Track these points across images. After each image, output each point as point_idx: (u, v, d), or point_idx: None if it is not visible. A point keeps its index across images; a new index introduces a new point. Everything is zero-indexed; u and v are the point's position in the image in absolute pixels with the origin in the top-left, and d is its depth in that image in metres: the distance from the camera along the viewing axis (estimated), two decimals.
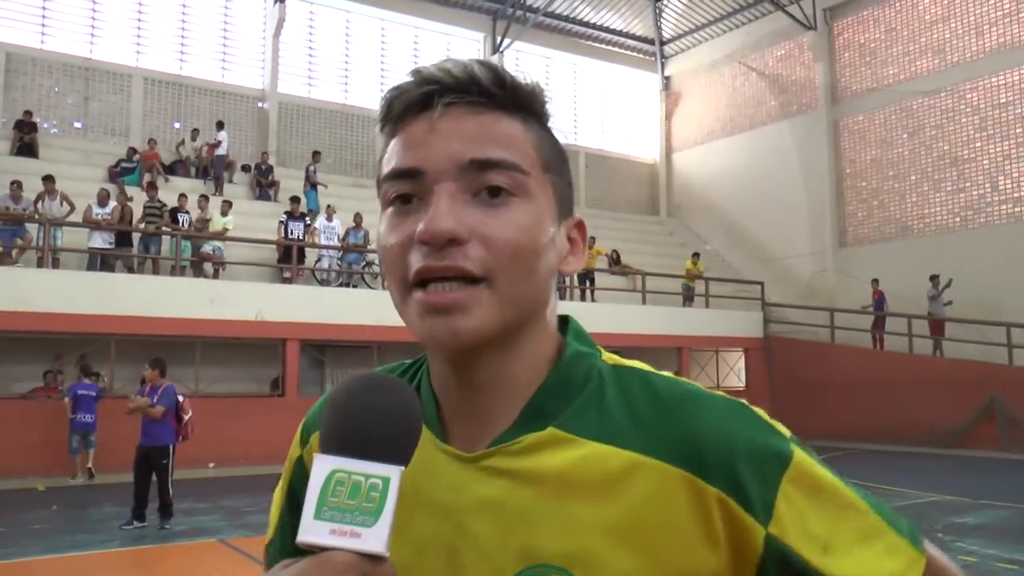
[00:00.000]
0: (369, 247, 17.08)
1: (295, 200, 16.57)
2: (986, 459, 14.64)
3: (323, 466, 0.64)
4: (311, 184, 18.53)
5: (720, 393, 0.77)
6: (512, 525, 0.74)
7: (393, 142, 0.78)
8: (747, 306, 20.29)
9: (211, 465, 13.23)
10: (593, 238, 19.89)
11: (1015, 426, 15.26)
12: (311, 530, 0.62)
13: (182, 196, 15.66)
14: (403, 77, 0.79)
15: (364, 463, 0.63)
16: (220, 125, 18.58)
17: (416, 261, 0.72)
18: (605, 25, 25.64)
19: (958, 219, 19.14)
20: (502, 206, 0.74)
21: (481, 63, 0.77)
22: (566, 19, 24.89)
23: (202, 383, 14.03)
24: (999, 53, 18.67)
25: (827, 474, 0.75)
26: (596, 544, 0.72)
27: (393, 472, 0.63)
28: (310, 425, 0.90)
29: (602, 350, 0.83)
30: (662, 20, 25.47)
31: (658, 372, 0.80)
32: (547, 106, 0.81)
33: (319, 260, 16.77)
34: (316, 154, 19.22)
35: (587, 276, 19.42)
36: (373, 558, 0.61)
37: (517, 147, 0.75)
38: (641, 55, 26.57)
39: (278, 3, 20.52)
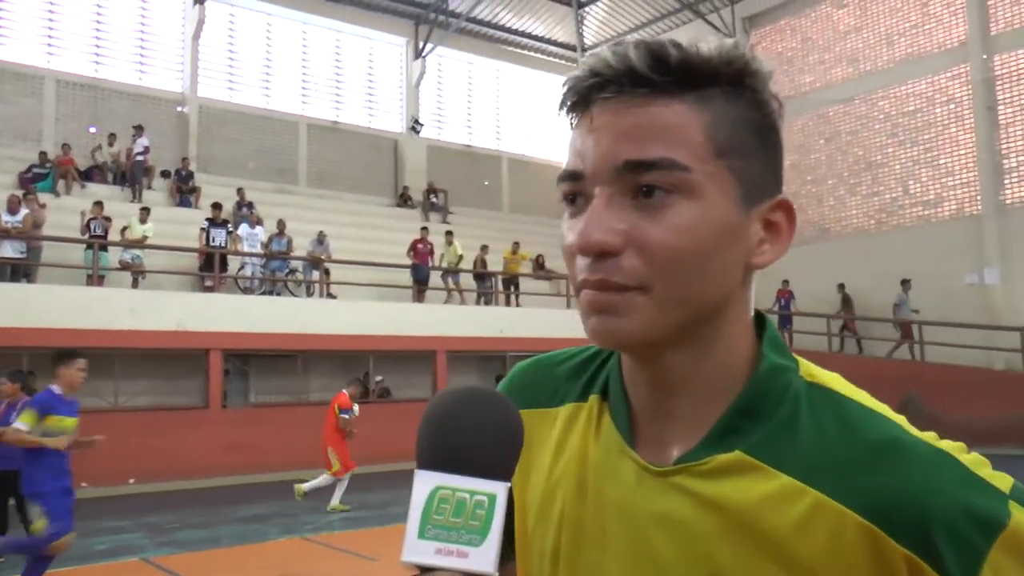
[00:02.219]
0: (293, 254, 16.81)
1: (217, 207, 16.19)
2: None
3: (425, 483, 0.62)
4: (242, 207, 17.98)
5: (925, 438, 0.69)
6: (696, 548, 0.71)
7: (570, 137, 0.75)
8: None
9: (131, 481, 12.82)
10: (517, 243, 19.97)
11: (928, 422, 15.71)
12: (416, 550, 0.60)
13: (96, 204, 15.12)
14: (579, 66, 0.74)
15: (468, 479, 0.61)
16: (139, 129, 18.04)
17: (580, 269, 0.71)
18: (527, 31, 25.76)
19: (873, 222, 19.80)
20: (661, 207, 0.69)
21: (640, 45, 0.70)
22: (489, 25, 24.93)
23: (122, 396, 13.59)
24: (907, 63, 19.39)
25: None
26: None
27: (499, 489, 0.62)
28: None
29: (800, 360, 0.77)
30: (584, 27, 25.70)
31: (855, 397, 0.73)
32: (745, 71, 0.72)
33: (242, 268, 16.44)
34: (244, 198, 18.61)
35: (511, 280, 19.48)
36: None
37: (679, 139, 0.69)
38: (564, 61, 26.77)
39: (197, 4, 20.04)
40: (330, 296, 16.76)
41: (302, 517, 10.13)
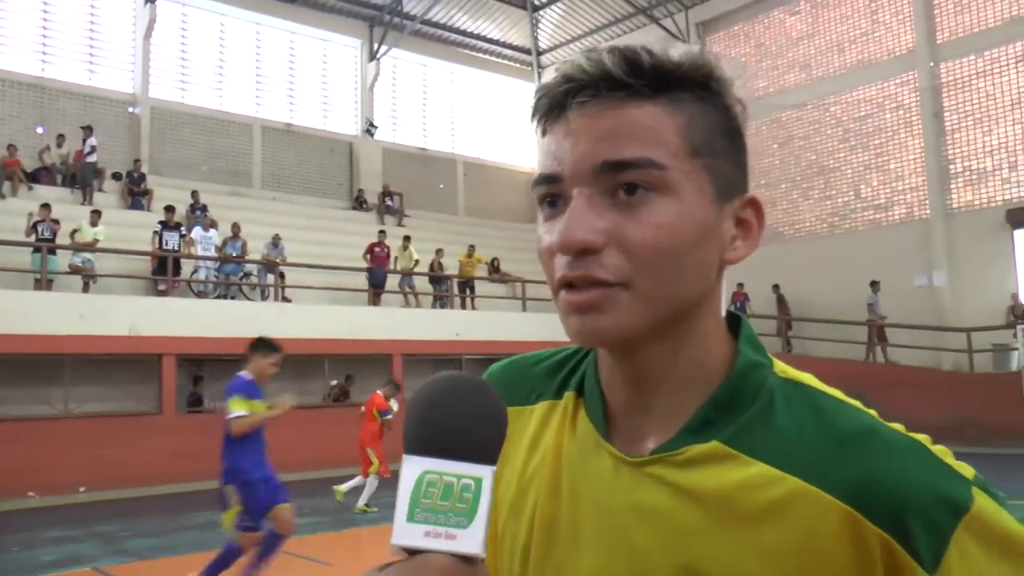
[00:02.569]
0: (247, 258, 16.63)
1: (170, 209, 15.95)
2: None
3: (413, 467, 0.63)
4: (196, 210, 17.72)
5: (896, 427, 0.73)
6: (674, 538, 0.72)
7: (542, 142, 0.76)
8: None
9: (82, 489, 12.56)
10: (472, 246, 19.97)
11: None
12: (405, 533, 0.61)
13: (44, 206, 14.80)
14: (552, 74, 0.76)
15: (455, 463, 0.63)
16: (88, 130, 17.69)
17: (559, 268, 0.72)
18: (482, 34, 25.76)
19: (825, 225, 20.15)
20: (640, 205, 0.71)
21: (615, 51, 0.72)
22: (443, 27, 24.88)
23: (71, 403, 13.31)
24: (858, 69, 19.78)
25: (1013, 525, 0.69)
26: (758, 570, 0.69)
27: (485, 472, 0.63)
28: None
29: (774, 359, 0.79)
30: (539, 30, 25.80)
31: (828, 392, 0.76)
32: (711, 76, 0.74)
33: (195, 272, 16.21)
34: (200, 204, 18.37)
35: (467, 284, 19.47)
36: (468, 560, 0.61)
37: (655, 139, 0.71)
38: (518, 64, 26.84)
39: (148, 3, 19.71)
40: (285, 300, 16.60)
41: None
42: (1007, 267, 17.27)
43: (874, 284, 17.61)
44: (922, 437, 0.73)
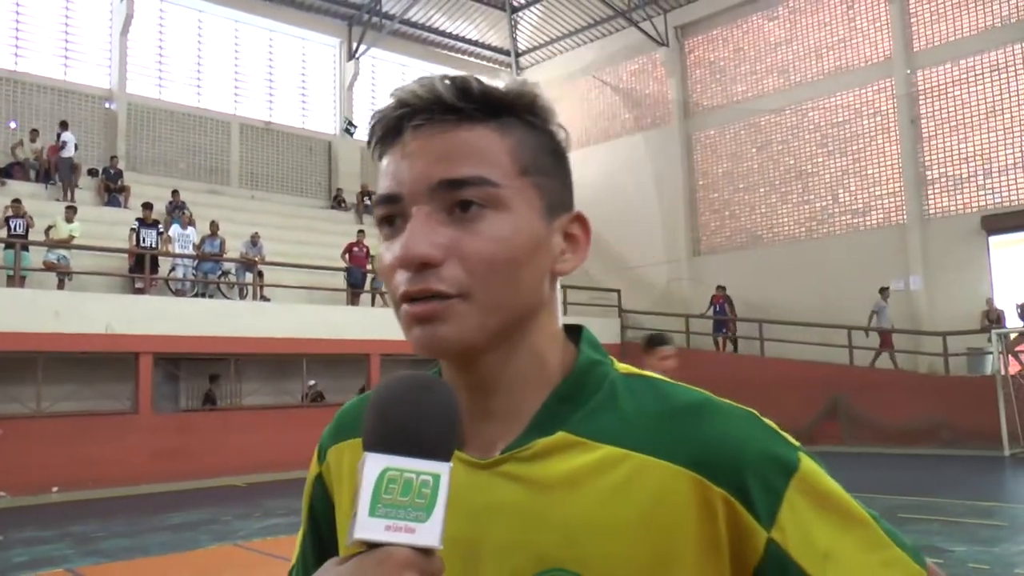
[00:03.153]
0: (226, 256, 16.52)
1: (147, 206, 15.81)
2: (831, 453, 15.52)
3: (375, 464, 0.64)
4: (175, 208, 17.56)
5: (730, 402, 0.79)
6: (527, 529, 0.76)
7: (380, 166, 0.80)
8: (604, 313, 20.84)
9: (55, 489, 12.42)
10: None
11: (855, 423, 16.31)
12: (367, 527, 0.63)
13: (15, 201, 14.62)
14: (387, 100, 0.80)
15: (415, 460, 0.65)
16: (64, 125, 17.49)
17: (400, 283, 0.75)
18: (461, 35, 25.76)
19: (803, 229, 20.30)
20: (476, 220, 0.75)
21: (447, 79, 0.77)
22: (422, 27, 24.86)
23: (45, 401, 13.15)
24: (836, 75, 19.94)
25: (833, 485, 0.77)
26: (608, 546, 0.73)
27: (443, 468, 0.65)
28: (327, 442, 0.93)
29: (614, 360, 0.85)
30: (517, 32, 25.82)
31: (670, 381, 0.82)
32: (530, 105, 0.80)
33: (173, 269, 16.08)
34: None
35: None
36: (426, 552, 0.63)
37: (487, 159, 0.76)
38: (497, 65, 26.84)
39: None
40: (263, 299, 16.51)
41: (233, 524, 9.95)
42: (982, 272, 17.47)
43: (883, 291, 17.53)
44: (751, 409, 0.79)
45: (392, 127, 0.78)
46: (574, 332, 0.86)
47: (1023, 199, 17.18)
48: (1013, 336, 15.86)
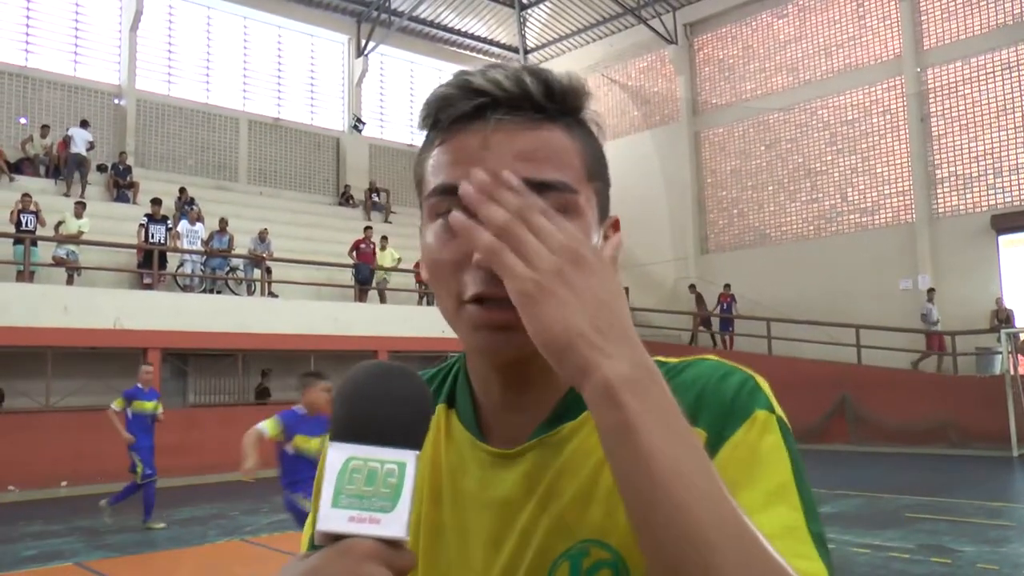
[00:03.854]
0: (234, 252, 16.56)
1: (156, 202, 15.85)
2: (839, 452, 15.52)
3: (338, 454, 0.63)
4: (184, 204, 17.61)
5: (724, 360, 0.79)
6: (554, 510, 0.76)
7: (439, 151, 0.77)
8: None
9: (64, 484, 12.47)
10: None
11: (863, 422, 16.26)
12: (329, 518, 0.61)
13: (25, 196, 14.67)
14: (449, 84, 0.77)
15: (379, 449, 0.63)
16: (84, 124, 17.65)
17: (473, 283, 0.73)
18: (470, 32, 25.73)
19: (812, 228, 20.24)
20: None
21: (531, 73, 0.76)
22: (431, 24, 24.85)
23: (54, 396, 13.20)
24: (845, 73, 19.88)
25: (783, 451, 0.72)
26: (622, 509, 0.72)
27: (408, 457, 0.63)
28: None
29: None
30: (526, 29, 25.79)
31: (679, 360, 0.82)
32: (589, 103, 0.79)
33: (181, 265, 16.12)
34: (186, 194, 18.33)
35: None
36: (393, 544, 0.61)
37: (567, 162, 0.75)
38: (505, 63, 26.79)
39: None
40: (271, 295, 16.54)
41: (241, 519, 9.98)
42: (991, 272, 17.40)
43: (930, 292, 17.33)
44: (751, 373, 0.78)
45: (467, 115, 0.75)
46: None
47: None
48: (1023, 336, 15.79)
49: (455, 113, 0.76)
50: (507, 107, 0.74)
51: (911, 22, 18.76)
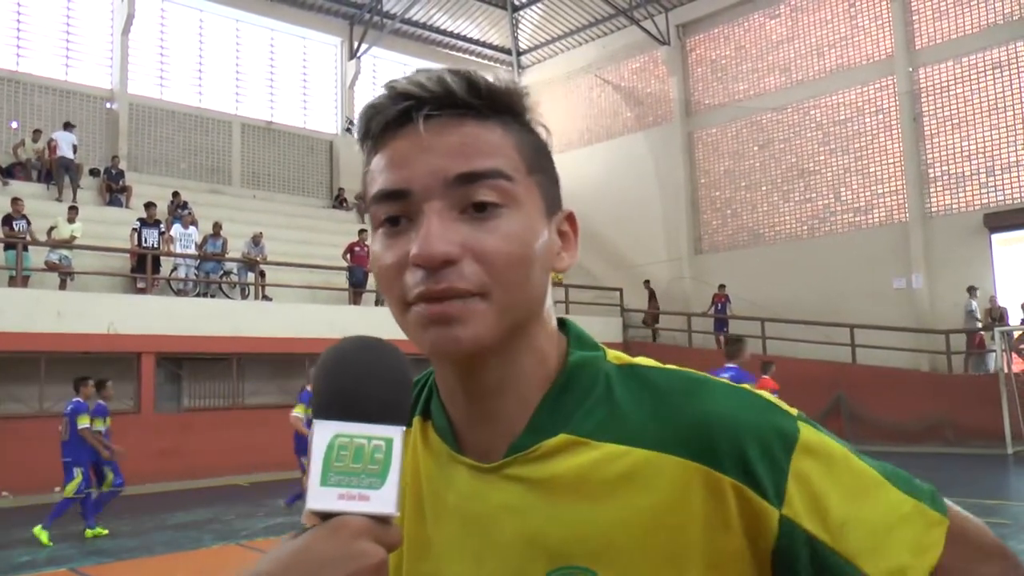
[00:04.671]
0: (228, 256, 16.52)
1: (150, 206, 15.81)
2: None
3: (324, 431, 0.63)
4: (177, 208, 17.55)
5: (720, 379, 0.79)
6: (536, 529, 0.75)
7: (375, 161, 0.78)
8: (607, 312, 20.82)
9: (57, 489, 12.38)
10: None
11: (858, 421, 16.28)
12: (319, 497, 0.61)
13: (16, 200, 14.60)
14: (379, 93, 0.78)
15: (365, 426, 0.63)
16: (67, 126, 17.52)
17: (414, 283, 0.73)
18: (462, 34, 25.72)
19: (805, 228, 20.27)
20: (492, 218, 0.74)
21: (453, 73, 0.76)
22: (423, 26, 24.83)
23: (47, 401, 13.15)
24: (838, 73, 19.92)
25: (837, 449, 0.76)
26: (619, 540, 0.73)
27: (395, 432, 0.63)
28: None
29: (607, 349, 0.84)
30: (519, 31, 25.79)
31: (662, 366, 0.81)
32: (526, 104, 0.80)
33: (175, 269, 16.08)
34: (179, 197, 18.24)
35: None
36: (383, 520, 0.62)
37: (501, 154, 0.75)
38: (498, 64, 26.81)
39: None
40: (265, 298, 16.51)
41: (236, 524, 9.95)
42: (984, 270, 17.45)
43: (971, 290, 17.06)
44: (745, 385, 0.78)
45: (395, 119, 0.76)
46: (561, 327, 0.85)
47: None
48: (1017, 334, 15.83)
49: (384, 119, 0.77)
50: (432, 106, 0.75)
51: (903, 22, 18.81)
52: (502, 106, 0.77)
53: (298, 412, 9.60)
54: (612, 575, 0.73)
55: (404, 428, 0.64)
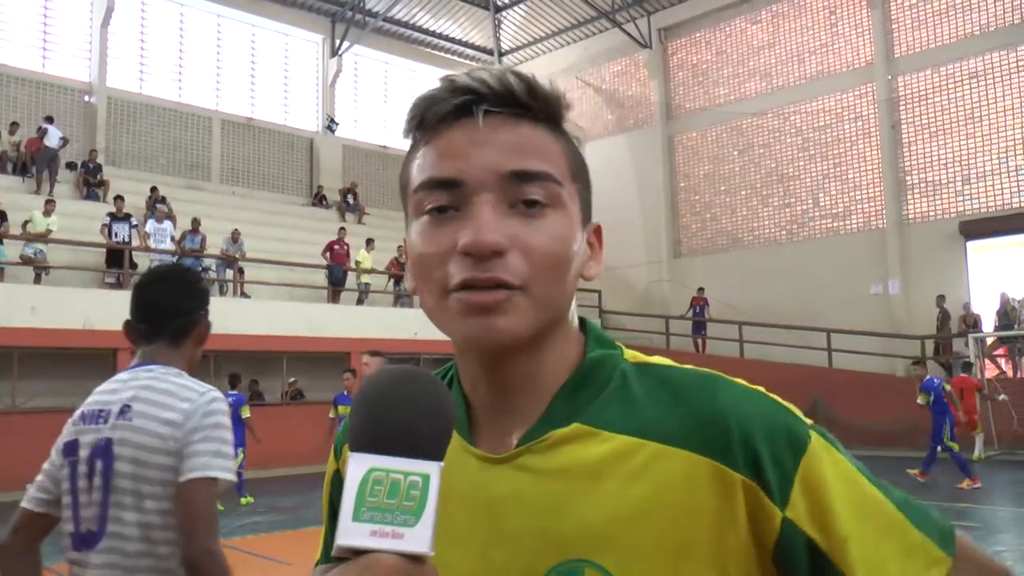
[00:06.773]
0: (206, 252, 16.41)
1: (119, 199, 15.65)
2: None
3: (360, 465, 0.61)
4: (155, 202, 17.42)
5: (737, 380, 0.80)
6: (545, 520, 0.76)
7: (425, 150, 0.79)
8: (585, 314, 20.51)
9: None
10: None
11: (834, 425, 16.39)
12: (351, 532, 0.59)
13: None
14: (434, 88, 0.80)
15: (402, 460, 0.61)
16: (49, 119, 17.35)
17: (458, 271, 0.74)
18: (444, 33, 25.68)
19: (784, 232, 20.41)
20: (539, 217, 0.76)
21: (515, 74, 0.78)
22: (406, 25, 24.76)
23: (20, 397, 13.01)
24: (818, 80, 20.07)
25: (849, 465, 0.77)
26: (628, 532, 0.74)
27: (433, 468, 0.61)
28: (344, 439, 0.91)
29: (624, 348, 0.86)
30: (501, 31, 25.80)
31: (678, 364, 0.83)
32: (566, 112, 0.82)
33: (152, 264, 15.95)
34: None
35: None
36: (417, 559, 0.59)
37: (551, 158, 0.78)
38: (480, 65, 26.71)
39: None
40: (244, 295, 16.41)
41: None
42: (959, 277, 17.64)
43: (940, 298, 17.11)
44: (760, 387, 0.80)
45: (452, 112, 0.77)
46: (581, 326, 0.87)
47: (1000, 205, 17.37)
48: (990, 340, 16.01)
49: (441, 111, 0.78)
50: (492, 103, 0.76)
51: (882, 31, 18.99)
52: (553, 113, 0.80)
53: (332, 414, 9.87)
54: (620, 568, 0.73)
55: (441, 464, 0.62)
